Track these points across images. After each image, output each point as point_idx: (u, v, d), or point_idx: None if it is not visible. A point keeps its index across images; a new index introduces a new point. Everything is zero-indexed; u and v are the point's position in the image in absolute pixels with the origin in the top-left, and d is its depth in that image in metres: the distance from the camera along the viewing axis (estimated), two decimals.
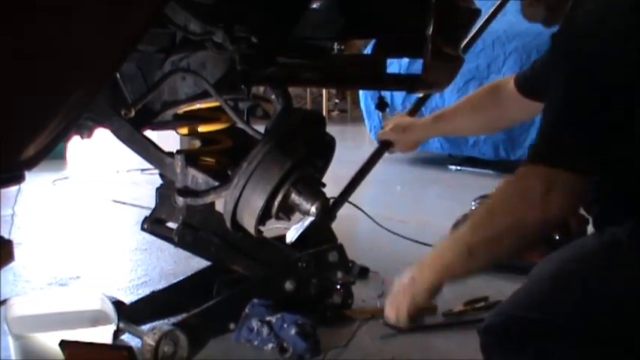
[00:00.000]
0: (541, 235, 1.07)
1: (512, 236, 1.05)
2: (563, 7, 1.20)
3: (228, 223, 1.53)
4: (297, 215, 1.60)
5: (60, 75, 0.88)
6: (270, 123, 1.59)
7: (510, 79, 1.70)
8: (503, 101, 1.71)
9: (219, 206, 1.61)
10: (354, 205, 2.12)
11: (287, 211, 1.51)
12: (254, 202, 1.46)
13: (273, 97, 1.57)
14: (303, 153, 1.49)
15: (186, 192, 1.57)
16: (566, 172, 1.02)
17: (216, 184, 1.53)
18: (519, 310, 1.09)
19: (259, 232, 1.52)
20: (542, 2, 1.22)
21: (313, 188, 1.50)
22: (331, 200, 1.97)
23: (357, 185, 2.03)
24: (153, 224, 1.72)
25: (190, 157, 1.59)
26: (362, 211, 2.13)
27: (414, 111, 2.09)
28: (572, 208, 1.05)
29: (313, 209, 1.48)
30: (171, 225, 1.71)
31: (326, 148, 1.62)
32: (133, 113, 1.46)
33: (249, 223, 1.50)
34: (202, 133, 1.67)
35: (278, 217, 1.52)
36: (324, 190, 1.57)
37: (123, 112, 1.45)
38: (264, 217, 1.49)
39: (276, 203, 1.47)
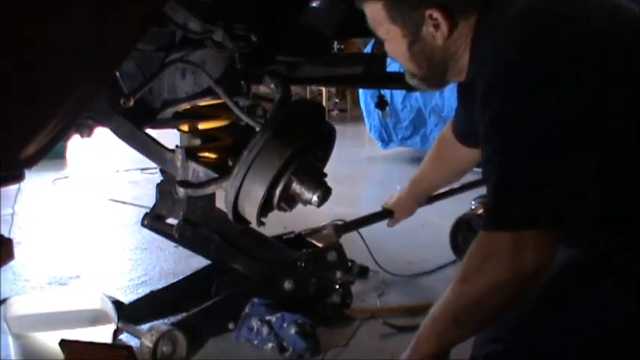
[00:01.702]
0: (525, 291, 1.03)
1: (492, 299, 1.03)
2: (437, 76, 1.20)
3: (229, 214, 1.52)
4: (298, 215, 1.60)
5: (59, 74, 0.88)
6: (269, 113, 1.58)
7: (449, 128, 1.70)
8: (454, 151, 1.71)
9: (219, 203, 1.61)
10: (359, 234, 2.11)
11: (289, 201, 1.50)
12: (255, 192, 1.45)
13: (272, 85, 1.56)
14: (302, 142, 1.48)
15: (187, 183, 1.57)
16: (531, 231, 0.99)
17: (217, 176, 1.53)
18: (512, 332, 1.09)
19: (261, 222, 1.51)
20: (417, 77, 1.22)
21: (314, 178, 1.49)
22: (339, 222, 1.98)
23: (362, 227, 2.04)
24: (153, 220, 1.72)
25: (191, 152, 1.59)
26: (363, 240, 2.13)
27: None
28: (548, 258, 1.01)
29: (315, 198, 1.47)
30: (172, 222, 1.71)
31: (326, 137, 1.61)
32: (131, 102, 1.45)
33: (250, 213, 1.48)
34: (202, 130, 1.67)
35: (280, 208, 1.50)
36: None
37: (122, 101, 1.44)
38: (265, 207, 1.48)
39: (277, 193, 1.46)
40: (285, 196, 1.48)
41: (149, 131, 1.67)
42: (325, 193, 1.48)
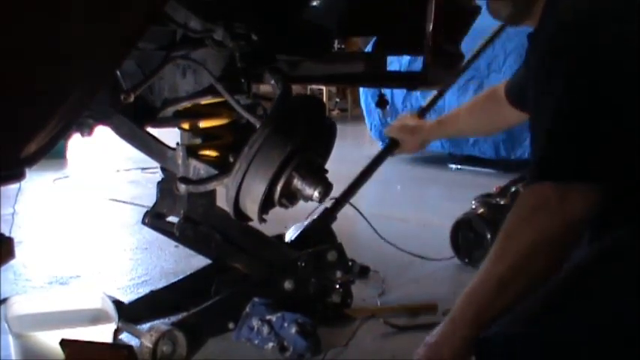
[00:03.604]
0: (570, 244, 1.02)
1: (540, 253, 1.01)
2: (530, 5, 1.19)
3: (230, 211, 1.52)
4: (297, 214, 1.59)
5: (59, 74, 0.88)
6: (270, 109, 1.58)
7: (502, 87, 1.75)
8: (499, 106, 1.75)
9: (220, 201, 1.60)
10: (353, 206, 2.12)
11: (290, 197, 1.49)
12: (256, 188, 1.44)
13: (272, 82, 1.56)
14: (303, 137, 1.48)
15: (188, 179, 1.56)
16: (579, 182, 1.00)
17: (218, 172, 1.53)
18: (520, 326, 1.06)
19: (262, 219, 1.51)
20: None
21: (315, 173, 1.48)
22: (333, 200, 1.98)
23: (361, 185, 2.05)
24: (153, 219, 1.72)
25: (192, 149, 1.59)
26: (360, 213, 2.13)
27: (423, 113, 2.11)
28: (593, 210, 1.00)
29: (316, 194, 1.46)
30: (172, 220, 1.71)
31: (326, 133, 1.61)
32: (132, 98, 1.45)
33: (251, 209, 1.48)
34: (203, 128, 1.67)
35: (281, 204, 1.50)
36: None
37: (122, 97, 1.44)
38: (266, 203, 1.48)
39: (278, 188, 1.45)
40: (287, 193, 1.47)
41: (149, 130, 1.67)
42: (326, 188, 1.48)
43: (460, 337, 1.06)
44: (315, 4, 1.74)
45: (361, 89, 4.74)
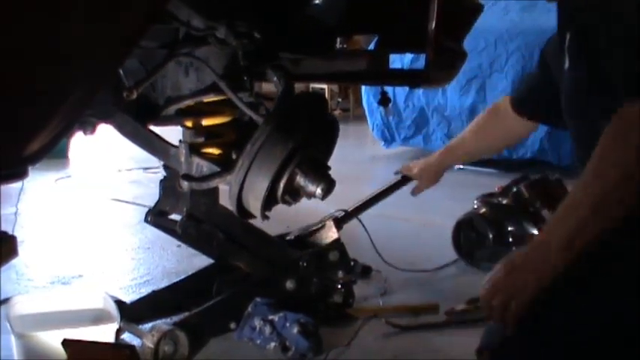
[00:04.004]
0: None
1: (637, 174, 0.95)
2: None
3: (233, 208, 1.51)
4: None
5: (59, 74, 0.88)
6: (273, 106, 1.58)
7: (507, 100, 1.75)
8: (502, 121, 1.76)
9: (223, 200, 1.60)
10: (360, 221, 2.12)
11: (293, 194, 1.49)
12: (259, 185, 1.44)
13: (274, 79, 1.55)
14: (305, 134, 1.47)
15: (191, 177, 1.56)
16: None
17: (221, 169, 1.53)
18: (520, 326, 1.06)
19: (265, 216, 1.51)
20: None
21: (318, 170, 1.48)
22: (342, 213, 1.98)
23: (367, 209, 2.07)
24: (156, 216, 1.72)
25: (194, 147, 1.59)
26: (365, 229, 2.14)
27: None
28: None
29: (319, 191, 1.46)
30: (175, 218, 1.70)
31: (329, 129, 1.61)
32: (134, 95, 1.45)
33: (254, 206, 1.47)
34: (206, 126, 1.67)
35: (284, 201, 1.49)
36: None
37: (125, 94, 1.44)
38: (269, 200, 1.47)
39: (281, 185, 1.44)
40: (289, 189, 1.46)
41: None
42: (329, 185, 1.47)
43: (550, 263, 1.00)
44: (317, 1, 1.74)
45: (363, 89, 4.73)
